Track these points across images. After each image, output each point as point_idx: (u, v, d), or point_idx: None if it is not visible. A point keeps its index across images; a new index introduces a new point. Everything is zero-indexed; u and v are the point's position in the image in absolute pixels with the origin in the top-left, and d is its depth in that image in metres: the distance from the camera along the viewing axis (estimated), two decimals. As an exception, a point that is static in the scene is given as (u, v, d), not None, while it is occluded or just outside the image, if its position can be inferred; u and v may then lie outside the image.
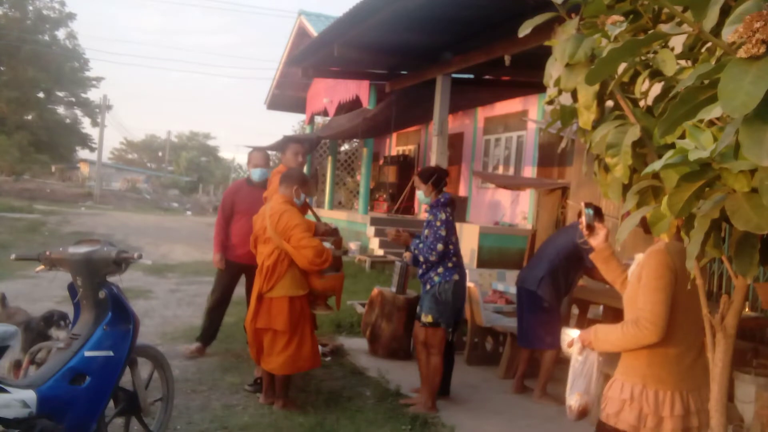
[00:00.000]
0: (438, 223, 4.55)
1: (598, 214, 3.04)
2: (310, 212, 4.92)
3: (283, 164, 5.12)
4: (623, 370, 2.56)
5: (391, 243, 12.19)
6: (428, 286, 4.63)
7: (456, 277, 4.57)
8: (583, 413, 2.83)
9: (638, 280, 2.49)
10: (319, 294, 4.52)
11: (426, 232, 4.64)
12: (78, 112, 40.77)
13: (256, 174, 5.49)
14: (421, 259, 4.62)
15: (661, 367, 2.46)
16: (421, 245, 4.58)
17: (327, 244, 4.42)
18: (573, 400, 2.85)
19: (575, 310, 6.56)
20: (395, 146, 18.68)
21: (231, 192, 5.71)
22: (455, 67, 9.06)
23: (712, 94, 1.48)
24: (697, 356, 2.50)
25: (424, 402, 4.60)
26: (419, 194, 4.79)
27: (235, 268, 5.57)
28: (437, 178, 4.71)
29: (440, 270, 4.58)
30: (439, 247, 4.52)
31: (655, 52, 2.05)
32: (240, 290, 5.75)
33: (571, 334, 2.83)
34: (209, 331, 5.65)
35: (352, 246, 12.63)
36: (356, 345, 6.29)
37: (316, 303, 4.58)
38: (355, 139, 18.49)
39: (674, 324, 2.42)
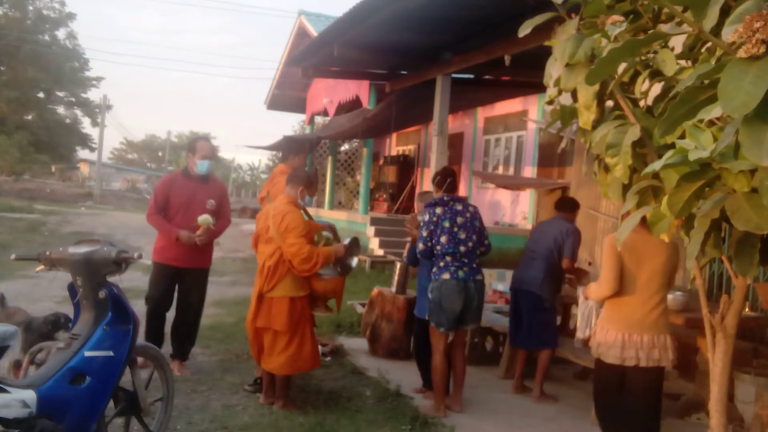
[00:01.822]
0: (421, 224, 4.65)
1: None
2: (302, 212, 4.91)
3: (287, 166, 5.10)
4: (601, 314, 3.80)
5: (391, 243, 12.21)
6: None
7: (445, 276, 4.54)
8: (586, 342, 4.02)
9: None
10: (319, 296, 4.52)
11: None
12: (78, 112, 40.79)
13: (203, 166, 5.01)
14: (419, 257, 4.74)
15: (612, 312, 3.65)
16: (413, 246, 4.71)
17: (333, 242, 4.48)
18: (580, 333, 4.12)
19: (575, 310, 6.58)
20: (395, 146, 18.68)
21: (165, 184, 5.08)
22: (455, 67, 9.05)
23: (712, 94, 1.48)
24: (648, 311, 3.56)
25: (432, 403, 4.62)
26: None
27: (170, 272, 5.00)
28: (440, 179, 4.75)
29: (434, 269, 4.62)
30: (420, 246, 4.61)
31: (655, 52, 2.05)
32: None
33: (581, 289, 4.19)
34: (156, 342, 4.87)
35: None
36: (356, 345, 6.29)
37: (315, 304, 4.58)
38: (355, 139, 18.48)
39: (624, 286, 3.59)
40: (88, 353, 2.90)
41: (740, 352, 4.77)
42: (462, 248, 4.56)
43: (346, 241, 4.57)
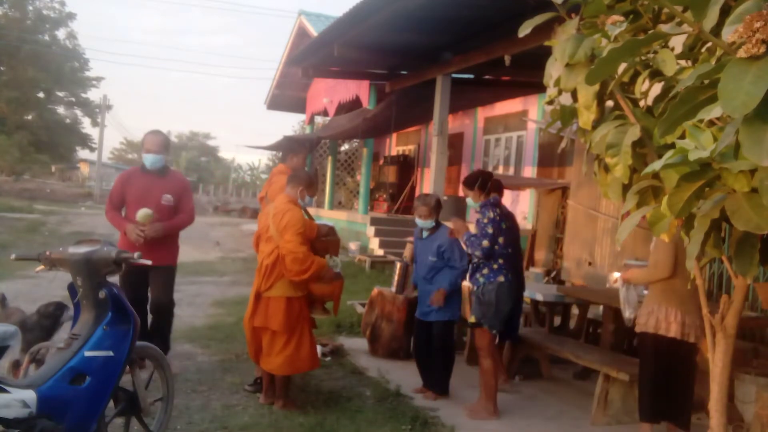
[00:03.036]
0: (485, 221, 4.56)
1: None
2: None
3: (287, 166, 5.09)
4: (649, 296, 4.15)
5: (391, 243, 12.22)
6: (474, 287, 4.63)
7: (501, 278, 4.56)
8: (633, 321, 4.29)
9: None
10: (316, 298, 4.52)
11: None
12: (78, 112, 40.80)
13: (148, 160, 4.86)
14: (472, 252, 4.59)
15: (669, 294, 4.01)
16: (472, 238, 4.57)
17: (332, 262, 4.44)
18: (627, 313, 4.34)
19: (575, 310, 6.58)
20: (395, 146, 18.68)
21: (122, 179, 4.97)
22: (455, 67, 9.06)
23: (712, 94, 1.48)
24: (690, 292, 3.90)
25: (485, 406, 4.56)
26: (468, 200, 4.79)
27: (134, 273, 4.52)
28: (482, 182, 4.71)
29: (485, 271, 4.59)
30: (485, 243, 4.51)
31: (655, 52, 2.05)
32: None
33: (615, 275, 4.61)
34: None
35: (353, 246, 12.61)
36: (356, 345, 6.29)
37: (313, 306, 4.57)
38: (355, 139, 18.49)
39: (675, 269, 3.99)
40: (88, 353, 2.90)
41: (740, 352, 4.76)
42: (510, 250, 4.64)
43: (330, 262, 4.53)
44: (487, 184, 4.72)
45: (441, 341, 4.92)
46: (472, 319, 4.63)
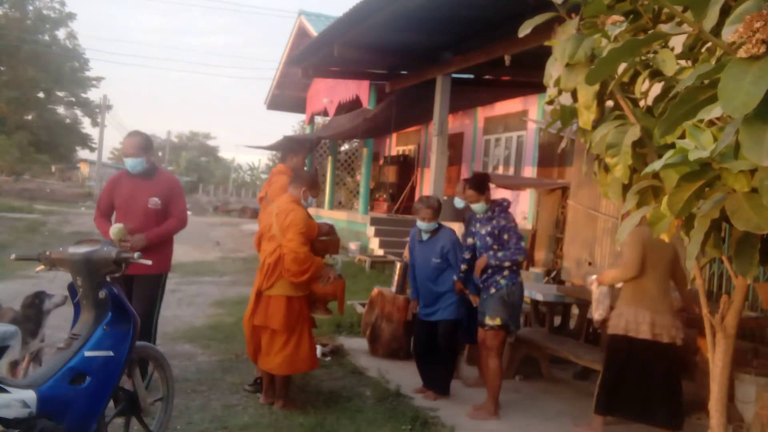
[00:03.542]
0: (512, 224, 4.61)
1: None
2: None
3: (287, 166, 5.09)
4: (620, 298, 4.23)
5: (391, 243, 12.22)
6: (493, 290, 4.57)
7: (519, 279, 4.66)
8: (601, 322, 4.44)
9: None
10: (319, 298, 4.52)
11: (488, 239, 4.59)
12: (78, 112, 40.78)
13: (128, 164, 4.56)
14: (506, 264, 4.53)
15: (639, 295, 4.11)
16: (500, 254, 4.52)
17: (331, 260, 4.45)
18: (597, 315, 4.39)
19: (575, 310, 6.58)
20: (395, 146, 18.67)
21: (110, 184, 4.73)
22: (455, 67, 9.06)
23: (712, 94, 1.48)
24: (659, 290, 4.11)
25: (487, 407, 4.58)
26: (477, 207, 4.69)
27: (116, 281, 4.07)
28: (486, 184, 4.74)
29: (506, 273, 4.58)
30: (524, 244, 4.61)
31: (655, 52, 2.05)
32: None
33: (592, 277, 4.50)
34: None
35: (353, 246, 12.61)
36: (356, 345, 6.29)
37: (315, 306, 4.57)
38: (355, 139, 18.49)
39: (643, 270, 4.10)
40: (88, 353, 2.90)
41: (740, 352, 4.77)
42: None
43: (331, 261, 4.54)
44: (488, 187, 4.76)
45: (446, 341, 4.92)
46: (497, 321, 4.54)
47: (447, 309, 4.88)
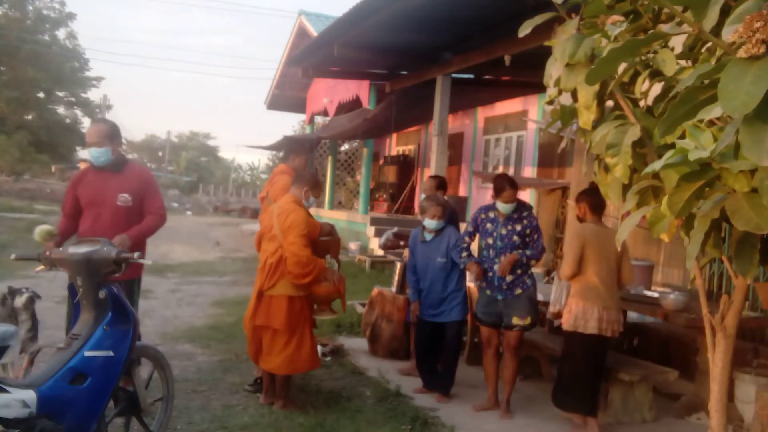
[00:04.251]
0: (536, 222, 4.70)
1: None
2: None
3: (288, 166, 5.08)
4: (571, 294, 4.33)
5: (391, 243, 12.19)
6: (519, 290, 4.60)
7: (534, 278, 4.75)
8: (557, 316, 4.54)
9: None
10: (322, 299, 4.52)
11: (515, 238, 4.60)
12: (78, 112, 40.76)
13: (91, 155, 4.10)
14: (533, 262, 4.68)
15: (587, 291, 4.21)
16: (528, 252, 4.60)
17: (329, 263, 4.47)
18: (551, 308, 4.59)
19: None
20: (395, 146, 18.67)
21: (73, 182, 4.28)
22: (455, 67, 9.05)
23: (712, 94, 1.48)
24: (606, 286, 4.21)
25: (503, 407, 4.66)
26: (507, 207, 4.60)
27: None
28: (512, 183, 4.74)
29: (530, 272, 4.67)
30: (543, 242, 4.73)
31: (655, 52, 2.06)
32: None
33: (554, 273, 4.67)
34: None
35: (353, 246, 12.61)
36: (356, 345, 6.29)
37: (320, 309, 4.57)
38: (355, 139, 18.49)
39: (585, 267, 4.23)
40: (88, 353, 2.90)
41: (740, 352, 4.77)
42: None
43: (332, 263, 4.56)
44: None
45: (453, 342, 4.93)
46: (527, 321, 4.58)
47: (454, 310, 4.89)
